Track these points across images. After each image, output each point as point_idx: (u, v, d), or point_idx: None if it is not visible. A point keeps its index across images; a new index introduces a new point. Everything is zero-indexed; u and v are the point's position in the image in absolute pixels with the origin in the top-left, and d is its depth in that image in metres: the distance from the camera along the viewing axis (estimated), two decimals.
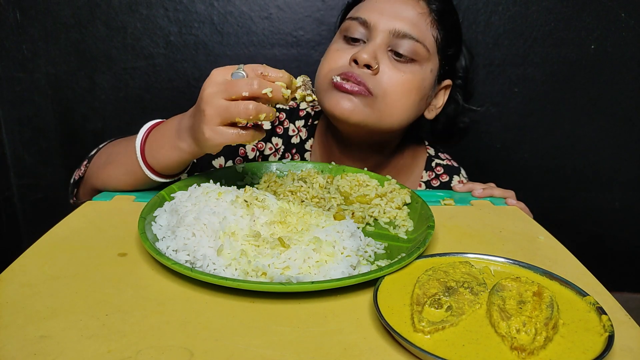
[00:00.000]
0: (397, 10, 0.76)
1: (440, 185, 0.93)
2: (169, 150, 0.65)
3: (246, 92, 0.55)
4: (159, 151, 0.66)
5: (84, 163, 0.79)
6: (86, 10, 1.29)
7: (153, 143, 0.67)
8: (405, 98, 0.77)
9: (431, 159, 0.95)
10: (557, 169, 1.45)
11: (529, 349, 0.38)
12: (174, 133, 0.65)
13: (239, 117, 0.55)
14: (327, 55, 0.81)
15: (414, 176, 0.94)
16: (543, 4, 1.29)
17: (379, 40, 0.76)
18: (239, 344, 0.40)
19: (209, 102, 0.56)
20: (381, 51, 0.76)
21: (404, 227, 0.63)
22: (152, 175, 0.68)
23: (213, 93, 0.56)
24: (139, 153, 0.67)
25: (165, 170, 0.68)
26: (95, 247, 0.55)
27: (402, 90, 0.77)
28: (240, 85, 0.56)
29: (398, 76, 0.76)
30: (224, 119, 0.56)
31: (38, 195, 1.49)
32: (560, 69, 1.35)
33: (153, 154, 0.66)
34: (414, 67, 0.77)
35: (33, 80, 1.36)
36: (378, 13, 0.76)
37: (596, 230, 1.52)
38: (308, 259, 0.50)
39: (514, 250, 0.58)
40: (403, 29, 0.75)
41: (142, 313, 0.43)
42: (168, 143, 0.65)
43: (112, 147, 0.77)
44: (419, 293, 0.45)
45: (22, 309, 0.43)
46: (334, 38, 0.84)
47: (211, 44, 1.33)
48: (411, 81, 0.77)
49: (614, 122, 1.39)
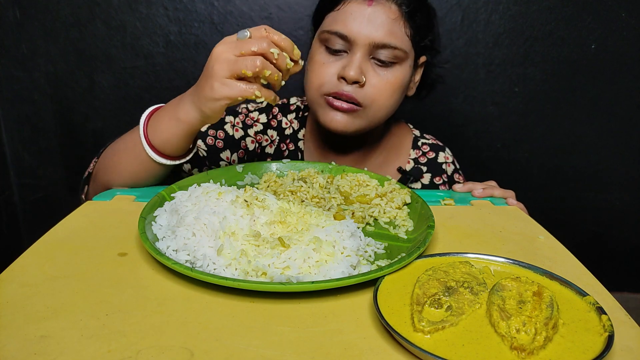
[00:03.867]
0: (373, 21, 0.78)
1: (428, 161, 0.99)
2: (167, 122, 0.68)
3: (255, 48, 0.60)
4: (159, 126, 0.69)
5: (94, 159, 0.80)
6: (86, 9, 1.29)
7: (154, 120, 0.70)
8: (391, 99, 0.84)
9: (417, 139, 1.01)
10: (557, 168, 1.45)
11: (529, 348, 0.38)
12: (174, 106, 0.68)
13: (246, 69, 0.60)
14: (313, 67, 0.84)
15: (402, 155, 1.00)
16: (544, 3, 1.29)
17: (360, 54, 0.79)
18: (239, 344, 0.40)
19: (218, 58, 0.61)
20: (364, 63, 0.80)
21: (404, 227, 0.63)
22: (155, 155, 0.70)
23: (223, 50, 0.62)
24: (142, 131, 0.69)
25: (167, 148, 0.70)
26: (95, 247, 0.55)
27: (388, 94, 0.82)
28: (250, 42, 0.61)
29: (382, 82, 0.81)
30: (233, 71, 0.61)
31: (38, 195, 1.49)
32: (560, 69, 1.35)
33: (154, 130, 0.69)
34: (395, 69, 0.82)
35: (32, 79, 1.36)
36: (356, 27, 0.79)
37: (596, 230, 1.52)
38: (308, 259, 0.50)
39: (514, 250, 0.58)
40: (382, 40, 0.79)
41: (142, 313, 0.43)
42: (167, 116, 0.69)
43: (119, 139, 0.78)
44: (419, 293, 0.45)
45: (22, 309, 0.43)
46: (313, 44, 0.86)
47: (211, 44, 1.32)
48: (394, 83, 0.82)
49: (614, 122, 1.39)
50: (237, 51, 0.61)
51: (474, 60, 1.35)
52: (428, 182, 0.98)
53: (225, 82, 0.61)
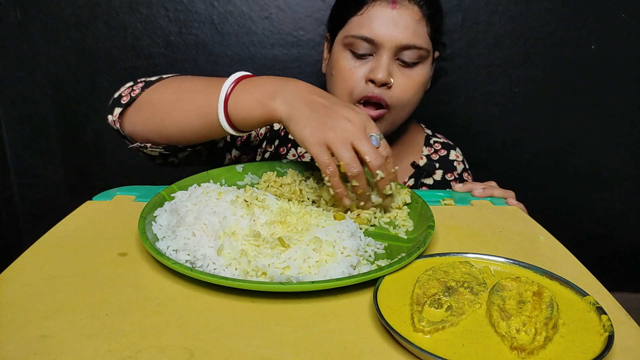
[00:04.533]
0: (398, 23, 0.80)
1: (440, 158, 1.02)
2: (255, 106, 0.63)
3: (354, 171, 0.58)
4: (242, 103, 0.64)
5: (139, 85, 0.75)
6: (87, 9, 1.29)
7: (240, 92, 0.65)
8: (415, 97, 0.87)
9: (429, 138, 1.05)
10: (557, 169, 1.45)
11: (529, 348, 0.38)
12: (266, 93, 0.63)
13: (343, 163, 0.57)
14: (340, 73, 0.84)
15: (416, 151, 1.02)
16: (544, 4, 1.29)
17: (387, 56, 0.81)
18: (239, 344, 0.40)
19: (339, 129, 0.58)
20: (391, 64, 0.82)
21: (404, 227, 0.63)
22: (227, 126, 0.66)
23: (348, 129, 0.58)
24: (223, 99, 0.65)
25: (241, 124, 0.66)
26: (95, 247, 0.55)
27: (413, 92, 0.85)
28: (372, 153, 0.58)
29: (408, 83, 0.84)
30: (333, 148, 0.58)
31: (38, 195, 1.49)
32: (560, 70, 1.35)
33: (235, 103, 0.65)
34: (419, 68, 0.85)
35: (34, 79, 1.36)
36: (382, 30, 0.80)
37: (596, 230, 1.51)
38: (308, 259, 0.50)
39: (514, 250, 0.58)
40: (407, 42, 0.81)
41: (142, 313, 0.43)
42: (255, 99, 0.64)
43: (182, 81, 0.73)
44: (419, 293, 0.45)
45: (22, 308, 0.43)
46: (336, 49, 0.86)
47: (211, 44, 1.33)
48: (419, 82, 0.85)
49: (615, 123, 1.39)
50: (350, 146, 0.58)
51: (475, 61, 1.35)
52: (440, 178, 1.00)
53: (321, 149, 0.58)
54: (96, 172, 1.47)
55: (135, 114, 0.75)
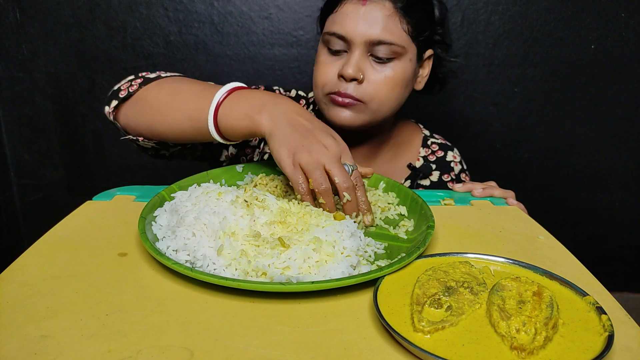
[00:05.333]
0: (368, 19, 0.81)
1: (437, 160, 1.01)
2: (242, 118, 0.66)
3: (321, 187, 0.59)
4: (231, 114, 0.67)
5: (137, 81, 0.77)
6: (86, 10, 1.29)
7: (231, 103, 0.67)
8: (392, 93, 0.85)
9: (427, 138, 1.04)
10: (557, 169, 1.45)
11: (529, 348, 0.38)
12: (254, 107, 0.65)
13: (312, 180, 0.59)
14: (317, 68, 0.88)
15: (412, 152, 1.02)
16: (543, 4, 1.29)
17: (358, 52, 0.82)
18: (239, 344, 0.40)
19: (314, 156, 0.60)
20: (362, 60, 0.82)
21: (404, 227, 0.63)
22: (216, 135, 0.68)
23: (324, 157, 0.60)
24: (213, 109, 0.67)
25: (229, 133, 0.69)
26: (95, 247, 0.55)
27: (388, 88, 0.84)
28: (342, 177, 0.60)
29: (381, 78, 0.83)
30: (304, 167, 0.60)
31: (38, 195, 1.49)
32: (560, 69, 1.35)
33: (225, 113, 0.67)
34: (394, 64, 0.84)
35: (33, 80, 1.36)
36: (352, 26, 0.81)
37: (596, 230, 1.52)
38: (308, 259, 0.50)
39: (514, 250, 0.58)
40: (377, 37, 0.80)
41: (142, 313, 0.43)
42: (243, 112, 0.66)
43: (179, 83, 0.75)
44: (419, 293, 0.45)
45: (22, 308, 0.43)
46: (319, 47, 0.89)
47: (211, 44, 1.33)
48: (393, 78, 0.84)
49: (614, 122, 1.39)
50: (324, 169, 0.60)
51: (474, 61, 1.35)
52: (437, 180, 1.00)
53: (296, 170, 0.60)
54: (96, 172, 1.47)
55: (130, 109, 0.77)
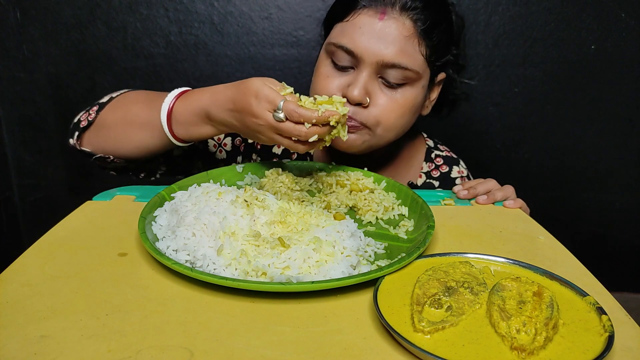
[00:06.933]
0: (383, 37, 0.72)
1: (440, 175, 0.93)
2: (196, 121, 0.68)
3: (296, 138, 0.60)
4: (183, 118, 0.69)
5: (94, 109, 0.77)
6: (86, 10, 1.29)
7: (181, 108, 0.69)
8: (399, 120, 0.77)
9: (430, 151, 0.96)
10: (557, 169, 1.45)
11: (529, 349, 0.38)
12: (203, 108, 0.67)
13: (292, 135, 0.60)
14: (318, 80, 0.79)
15: (414, 168, 0.94)
16: (543, 4, 1.29)
17: (366, 73, 0.74)
18: (239, 344, 0.40)
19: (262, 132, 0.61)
20: (371, 82, 0.74)
21: (404, 227, 0.63)
22: (174, 139, 0.71)
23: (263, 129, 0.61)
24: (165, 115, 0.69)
25: (187, 137, 0.71)
26: (95, 247, 0.55)
27: (395, 115, 0.76)
28: (289, 131, 0.59)
29: (390, 103, 0.75)
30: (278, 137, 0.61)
31: (38, 195, 1.49)
32: (560, 69, 1.35)
33: (177, 119, 0.69)
34: (405, 89, 0.76)
35: (33, 80, 1.36)
36: (364, 43, 0.72)
37: (596, 230, 1.51)
38: (308, 259, 0.50)
39: (514, 250, 0.58)
40: (391, 59, 0.72)
41: (142, 313, 0.43)
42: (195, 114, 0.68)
43: (129, 104, 0.76)
44: (419, 293, 0.45)
45: (22, 309, 0.43)
46: (321, 54, 0.82)
47: (211, 44, 1.33)
48: (403, 104, 0.76)
49: (614, 122, 1.39)
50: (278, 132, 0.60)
51: (474, 61, 1.35)
52: None
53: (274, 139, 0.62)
54: (96, 172, 1.47)
55: (93, 137, 0.77)
